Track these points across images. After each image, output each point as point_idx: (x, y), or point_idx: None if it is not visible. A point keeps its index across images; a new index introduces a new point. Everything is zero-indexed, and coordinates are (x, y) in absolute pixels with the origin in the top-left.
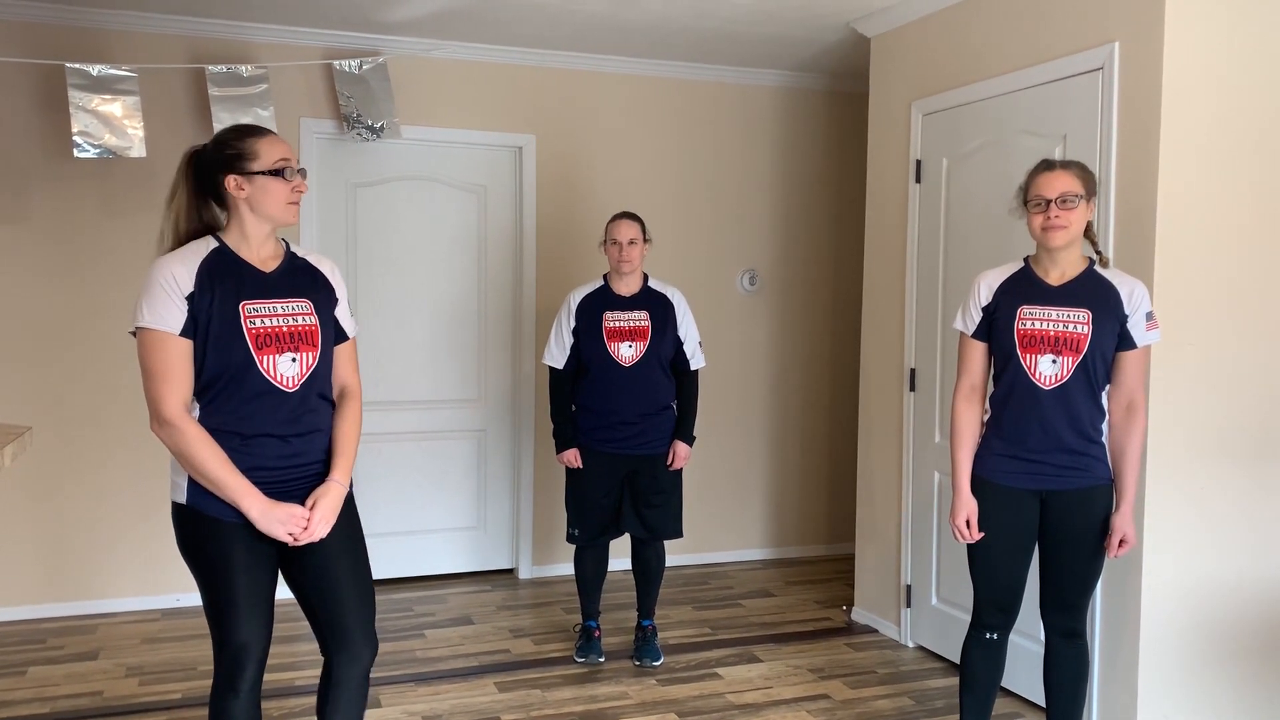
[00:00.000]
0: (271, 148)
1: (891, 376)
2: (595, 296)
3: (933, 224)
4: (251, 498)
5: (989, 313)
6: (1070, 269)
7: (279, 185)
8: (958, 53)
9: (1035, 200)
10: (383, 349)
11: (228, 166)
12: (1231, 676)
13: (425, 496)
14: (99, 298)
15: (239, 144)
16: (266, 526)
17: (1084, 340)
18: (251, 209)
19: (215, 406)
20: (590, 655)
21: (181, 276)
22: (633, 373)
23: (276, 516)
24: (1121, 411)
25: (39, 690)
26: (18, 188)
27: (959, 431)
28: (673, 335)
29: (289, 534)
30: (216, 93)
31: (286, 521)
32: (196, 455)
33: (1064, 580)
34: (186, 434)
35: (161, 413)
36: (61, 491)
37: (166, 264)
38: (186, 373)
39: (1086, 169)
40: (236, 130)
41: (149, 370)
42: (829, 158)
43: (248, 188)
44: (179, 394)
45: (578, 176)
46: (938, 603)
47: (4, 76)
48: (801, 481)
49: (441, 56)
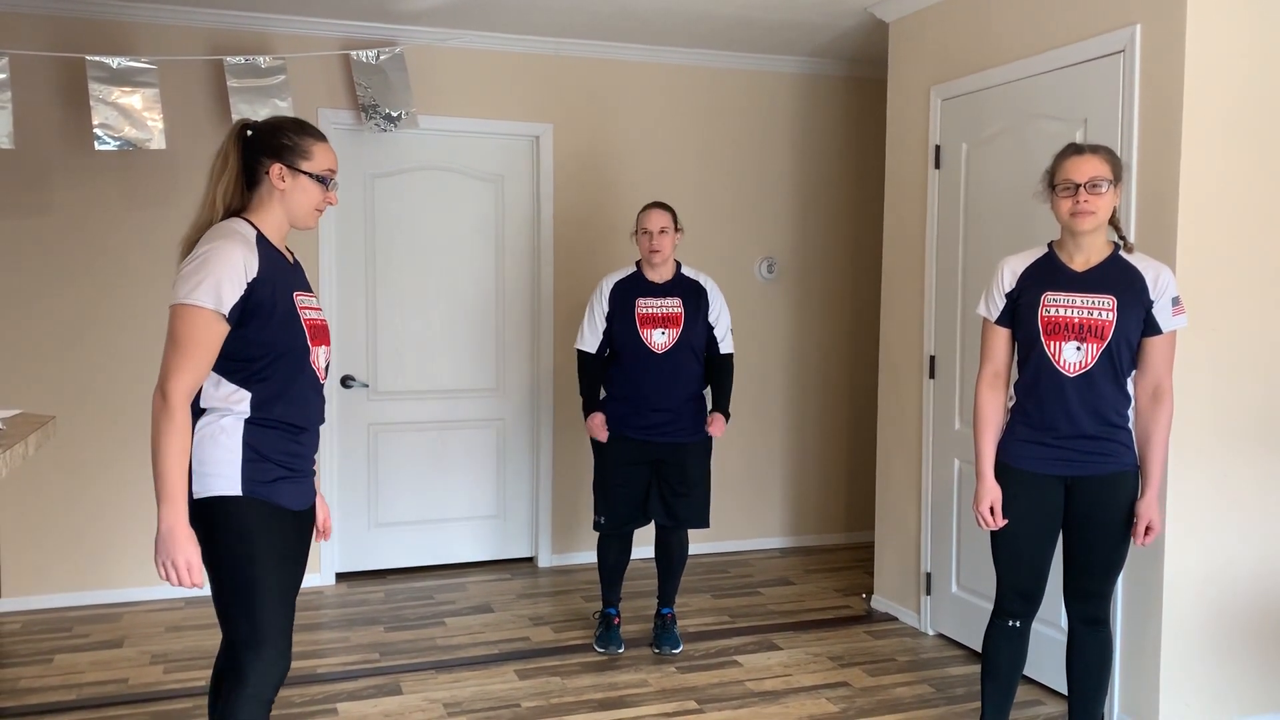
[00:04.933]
0: (325, 154)
1: (911, 363)
2: (628, 282)
3: (952, 210)
4: (179, 509)
5: (1013, 299)
6: (1095, 254)
7: (317, 192)
8: (977, 37)
9: (1064, 184)
10: (402, 339)
11: (278, 155)
12: (1254, 663)
13: (445, 485)
14: (121, 288)
15: (298, 138)
16: (162, 545)
17: (1109, 327)
18: (283, 204)
19: (276, 394)
20: (610, 646)
21: (249, 261)
22: (665, 360)
23: (175, 546)
24: (1148, 398)
25: (66, 677)
26: (39, 180)
27: (982, 418)
28: (705, 322)
29: (168, 573)
30: (235, 84)
31: (180, 562)
32: (174, 443)
33: (1088, 568)
34: (176, 420)
35: (169, 388)
36: (85, 481)
37: (233, 245)
38: (211, 359)
39: (1114, 154)
40: (298, 124)
41: (180, 344)
42: (847, 144)
43: (289, 182)
44: (195, 377)
45: (595, 165)
46: (958, 590)
47: (25, 70)
48: (821, 469)
49: (458, 46)
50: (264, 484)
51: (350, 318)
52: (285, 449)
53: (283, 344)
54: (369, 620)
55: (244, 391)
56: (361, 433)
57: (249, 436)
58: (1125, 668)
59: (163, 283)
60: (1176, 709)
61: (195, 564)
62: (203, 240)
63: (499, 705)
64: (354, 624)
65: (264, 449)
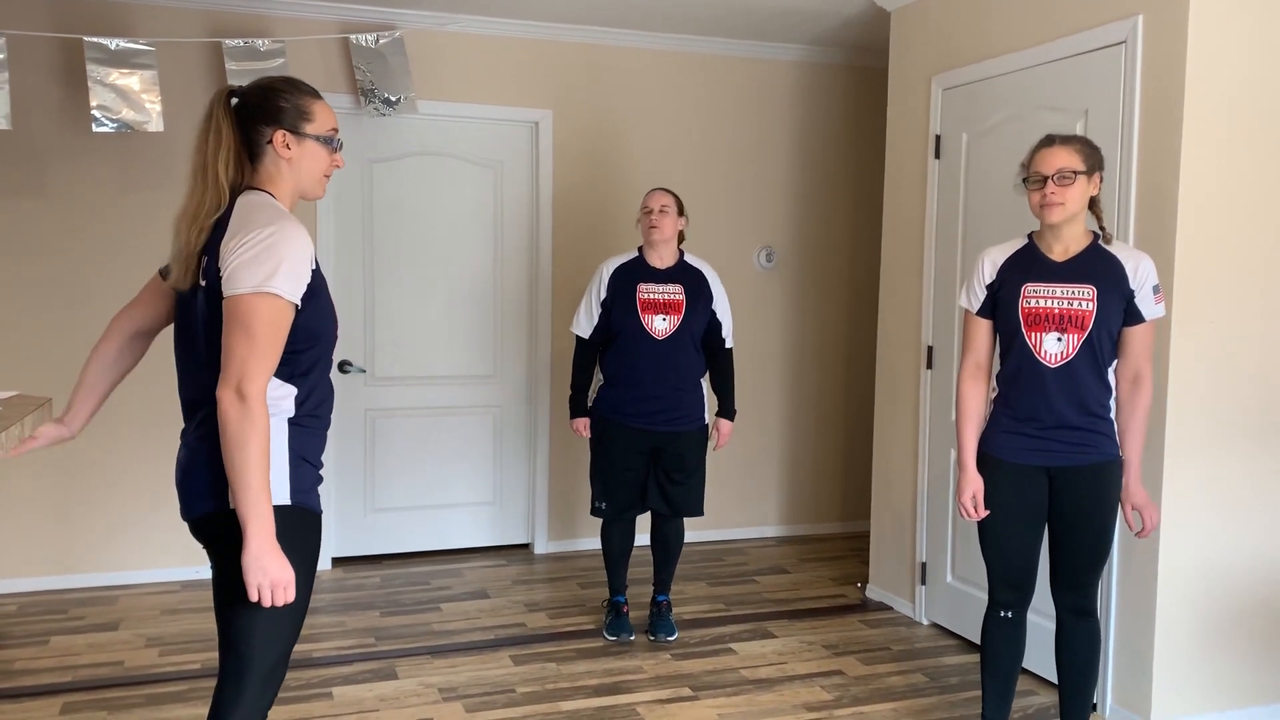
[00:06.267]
0: (326, 112)
1: (909, 354)
2: (630, 267)
3: (952, 200)
4: (270, 526)
5: (993, 290)
6: (1074, 244)
7: (324, 155)
8: (979, 26)
9: (1034, 176)
10: (399, 325)
11: (278, 120)
12: (1246, 657)
13: (442, 472)
14: (117, 270)
15: (296, 99)
16: (256, 567)
17: (1089, 317)
18: (292, 173)
19: (313, 387)
20: (621, 633)
21: (311, 248)
22: (665, 346)
23: (273, 565)
24: (1128, 384)
25: (61, 659)
26: (36, 162)
27: (964, 409)
28: (706, 310)
29: (263, 596)
30: (233, 66)
31: (278, 581)
32: (260, 448)
33: (1074, 558)
34: (259, 421)
35: (248, 388)
36: (82, 463)
37: (297, 226)
38: (280, 352)
39: (1090, 144)
40: (290, 83)
41: (259, 339)
42: (847, 133)
43: (295, 149)
44: (271, 371)
45: (595, 152)
46: (952, 580)
47: (23, 50)
48: (817, 459)
49: (458, 30)
50: (304, 491)
51: (348, 303)
52: (318, 449)
53: (324, 332)
54: (365, 605)
55: (289, 387)
56: (359, 418)
57: (292, 439)
58: (1119, 660)
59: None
60: (1170, 701)
61: (290, 580)
62: (251, 223)
63: (494, 690)
64: (350, 609)
65: (304, 451)
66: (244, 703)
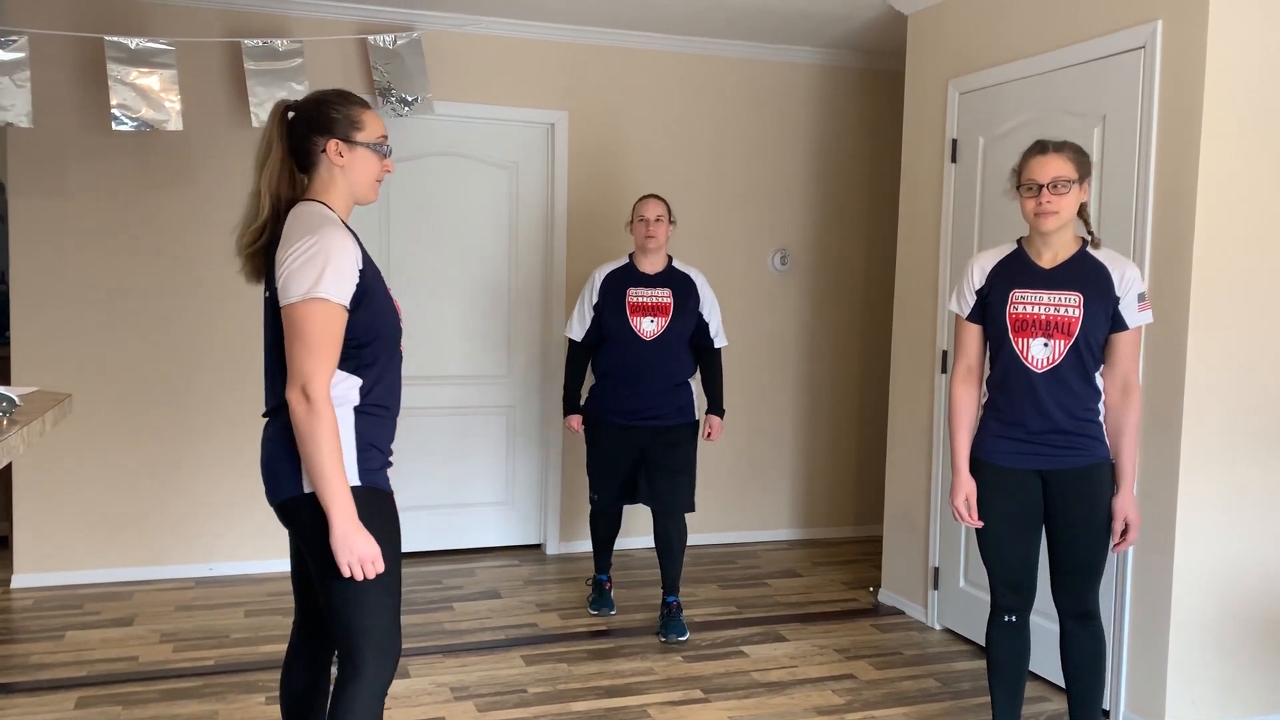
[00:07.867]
0: (375, 121)
1: (923, 358)
2: (620, 273)
3: (968, 204)
4: (350, 507)
5: (982, 295)
6: (1063, 251)
7: (375, 161)
8: (996, 30)
9: (1027, 184)
10: (414, 325)
11: (330, 130)
12: (1260, 664)
13: (455, 471)
14: (135, 269)
15: (346, 109)
16: (343, 546)
17: (1075, 324)
18: (346, 180)
19: (378, 378)
20: (603, 609)
21: (356, 249)
22: (653, 347)
23: (359, 542)
24: (1117, 393)
25: (76, 654)
26: (57, 161)
27: (956, 413)
28: (693, 313)
29: (354, 571)
30: (252, 66)
31: (365, 556)
32: (329, 440)
33: (1071, 563)
34: (327, 417)
35: (312, 389)
36: (100, 459)
37: (340, 231)
38: (339, 350)
39: (1081, 151)
40: (340, 94)
41: (314, 343)
42: (863, 136)
43: (347, 157)
44: (331, 370)
45: (610, 154)
46: (965, 585)
47: (43, 50)
48: (830, 462)
49: (475, 32)
50: (373, 471)
51: None
52: (385, 435)
53: (385, 326)
54: None
55: (354, 379)
56: None
57: (359, 425)
58: (1133, 665)
59: (178, 262)
60: (1183, 707)
61: (376, 554)
62: (296, 233)
63: (505, 690)
64: None
65: (371, 437)
66: (366, 675)
